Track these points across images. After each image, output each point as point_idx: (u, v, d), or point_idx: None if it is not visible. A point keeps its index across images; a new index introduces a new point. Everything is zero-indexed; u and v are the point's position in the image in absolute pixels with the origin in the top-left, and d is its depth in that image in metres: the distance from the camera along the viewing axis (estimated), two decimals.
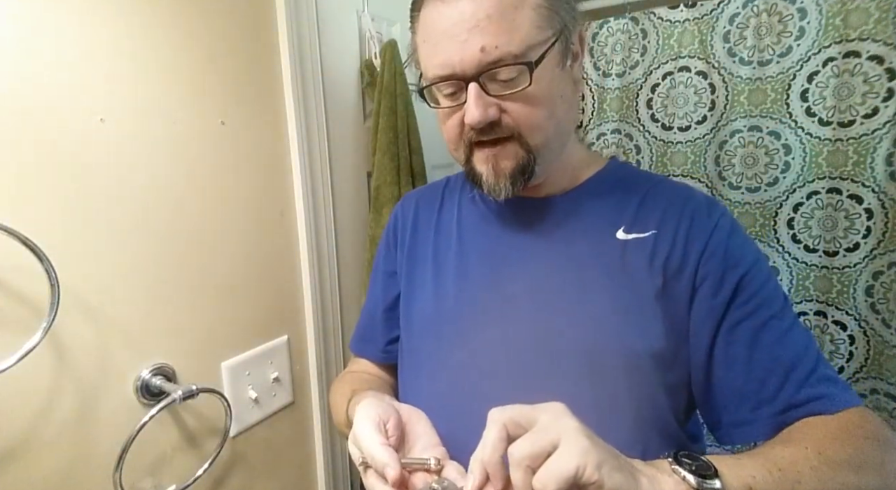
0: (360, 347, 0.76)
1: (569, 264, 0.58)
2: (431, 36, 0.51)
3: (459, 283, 0.62)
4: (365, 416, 0.48)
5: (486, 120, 0.51)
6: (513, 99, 0.51)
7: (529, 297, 0.58)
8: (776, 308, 0.54)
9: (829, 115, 1.02)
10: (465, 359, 0.59)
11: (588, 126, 1.28)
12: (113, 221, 0.64)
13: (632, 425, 0.53)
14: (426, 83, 0.54)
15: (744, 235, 0.58)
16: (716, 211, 0.58)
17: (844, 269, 1.04)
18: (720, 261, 0.55)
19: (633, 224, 0.58)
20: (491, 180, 0.55)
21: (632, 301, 0.55)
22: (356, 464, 0.49)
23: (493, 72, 0.49)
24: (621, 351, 0.53)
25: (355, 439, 0.47)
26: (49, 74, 0.58)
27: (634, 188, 0.61)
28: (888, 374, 1.00)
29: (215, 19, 0.75)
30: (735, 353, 0.54)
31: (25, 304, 0.57)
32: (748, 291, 0.54)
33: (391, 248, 0.73)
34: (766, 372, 0.52)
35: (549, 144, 0.55)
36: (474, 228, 0.65)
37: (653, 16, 1.17)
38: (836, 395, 0.51)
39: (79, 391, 0.62)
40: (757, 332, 0.53)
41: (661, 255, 0.56)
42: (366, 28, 1.08)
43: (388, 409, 0.50)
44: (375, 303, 0.73)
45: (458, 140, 0.56)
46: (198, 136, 0.74)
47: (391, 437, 0.48)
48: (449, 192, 0.71)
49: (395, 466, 0.43)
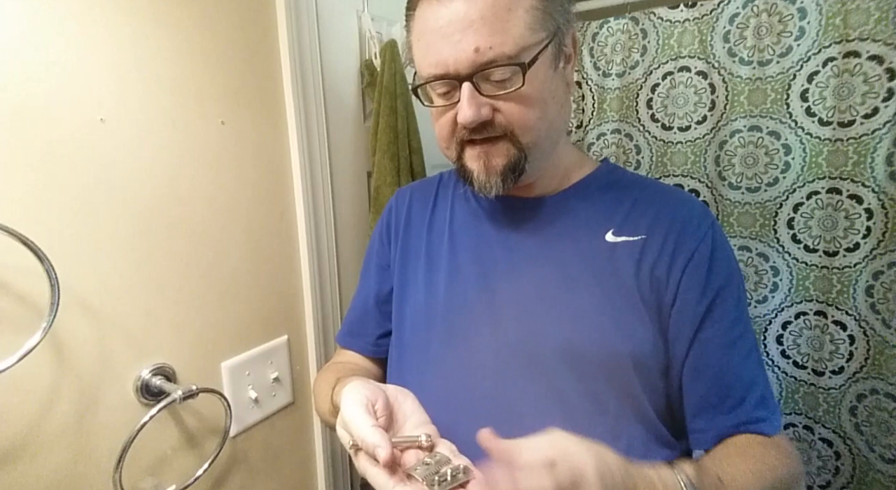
0: (348, 340, 0.75)
1: (557, 264, 0.59)
2: (425, 35, 0.52)
3: (450, 280, 0.63)
4: (353, 400, 0.47)
5: (479, 119, 0.51)
6: (505, 99, 0.52)
7: (517, 296, 0.58)
8: (742, 328, 0.58)
9: (829, 115, 1.02)
10: (453, 355, 0.59)
11: (588, 126, 1.28)
12: (113, 221, 0.64)
13: (615, 420, 0.54)
14: (420, 81, 0.55)
15: (729, 251, 0.60)
16: (706, 221, 0.59)
17: (844, 269, 1.04)
18: (704, 274, 0.56)
19: (623, 227, 0.59)
20: (482, 177, 0.55)
21: (617, 303, 0.56)
22: (346, 447, 0.48)
23: (486, 72, 0.50)
24: (604, 351, 0.55)
25: (344, 423, 0.47)
26: (49, 74, 0.58)
27: (625, 191, 0.62)
28: (888, 374, 1.00)
29: (216, 19, 0.75)
30: (703, 366, 0.56)
31: (25, 304, 0.57)
32: (722, 308, 0.56)
33: (385, 242, 0.73)
34: (728, 389, 0.56)
35: (541, 144, 0.55)
36: (466, 226, 0.66)
37: (653, 16, 1.17)
38: (776, 421, 0.56)
39: (79, 391, 0.62)
40: (726, 350, 0.56)
41: (648, 261, 0.57)
42: (366, 28, 1.08)
43: (375, 390, 0.49)
44: (367, 295, 0.73)
45: (450, 138, 0.56)
46: (198, 136, 0.74)
47: (380, 418, 0.47)
48: (443, 188, 0.72)
49: (385, 447, 0.42)
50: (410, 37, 0.56)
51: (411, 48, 0.56)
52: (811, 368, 1.10)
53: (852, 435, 1.06)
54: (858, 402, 1.05)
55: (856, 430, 1.06)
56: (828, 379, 1.08)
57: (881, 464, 1.01)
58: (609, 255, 0.57)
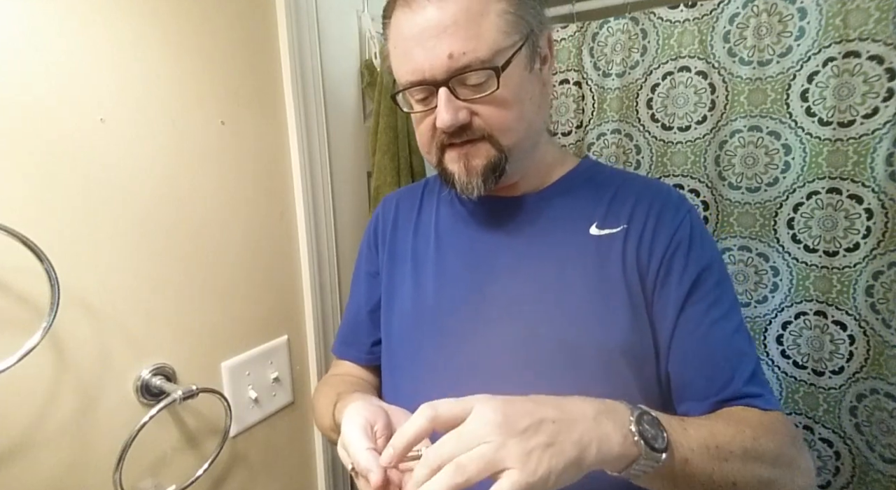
0: (343, 351, 0.76)
1: (544, 261, 0.59)
2: (401, 42, 0.53)
3: (438, 283, 0.63)
4: (352, 421, 0.47)
5: (457, 123, 0.52)
6: (482, 102, 0.52)
7: (506, 295, 0.59)
8: (725, 308, 0.57)
9: (829, 115, 1.02)
10: (443, 357, 0.59)
11: (588, 126, 1.28)
12: (113, 221, 0.64)
13: None
14: (399, 88, 0.56)
15: (707, 234, 0.61)
16: (683, 207, 0.60)
17: (844, 269, 1.04)
18: (683, 256, 0.57)
19: (605, 220, 0.60)
20: (463, 179, 0.56)
21: (606, 296, 0.56)
22: (348, 469, 0.48)
23: (461, 77, 0.51)
24: (595, 345, 0.55)
25: (344, 444, 0.47)
26: (49, 74, 0.58)
27: (606, 185, 0.63)
28: (888, 374, 1.00)
29: (216, 19, 0.75)
30: (688, 348, 0.56)
31: (25, 304, 0.57)
32: (704, 288, 0.57)
33: (372, 249, 0.73)
34: (715, 368, 0.56)
35: (521, 144, 0.56)
36: (451, 229, 0.66)
37: (653, 16, 1.17)
38: (770, 398, 0.55)
39: (79, 391, 0.62)
40: (709, 329, 0.56)
41: (631, 249, 0.57)
42: (366, 28, 1.08)
43: (376, 411, 0.49)
44: (359, 304, 0.74)
45: (430, 143, 0.57)
46: (198, 136, 0.74)
47: (379, 439, 0.47)
48: (428, 192, 0.72)
49: (377, 472, 0.42)
50: (388, 45, 0.56)
51: (389, 56, 0.57)
52: (811, 368, 1.10)
53: (852, 435, 1.06)
54: (858, 402, 1.05)
55: (856, 430, 1.06)
56: (828, 379, 1.08)
57: (881, 464, 1.01)
58: (594, 248, 0.58)
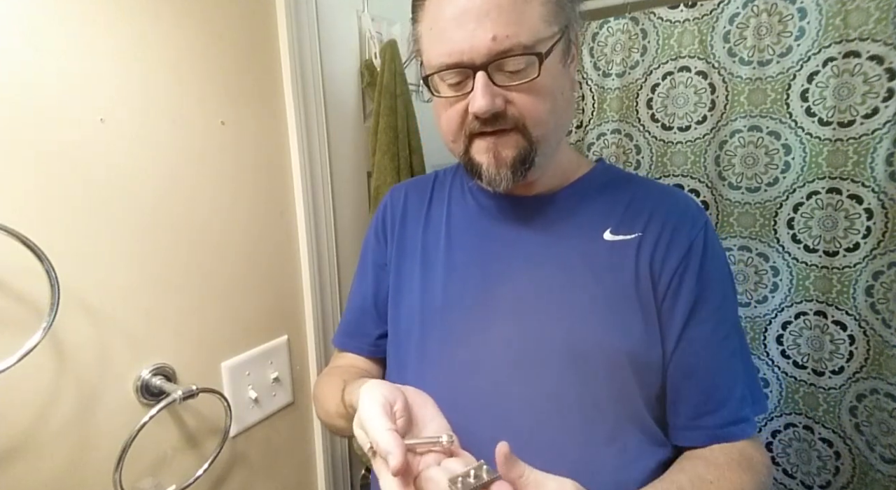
0: (345, 342, 0.73)
1: (556, 263, 0.59)
2: (439, 23, 0.51)
3: (447, 279, 0.62)
4: (371, 398, 0.45)
5: (493, 109, 0.51)
6: (518, 90, 0.51)
7: (516, 295, 0.58)
8: (728, 328, 0.58)
9: (829, 115, 1.02)
10: (450, 355, 0.59)
11: (588, 126, 1.28)
12: (113, 221, 0.64)
13: (613, 423, 0.54)
14: (431, 71, 0.54)
15: (720, 251, 0.61)
16: (699, 221, 0.60)
17: (844, 269, 1.04)
18: (694, 273, 0.57)
19: (620, 226, 0.59)
20: (492, 170, 0.55)
21: (615, 301, 0.56)
22: (364, 449, 0.46)
23: (500, 62, 0.49)
24: (602, 350, 0.55)
25: (361, 422, 0.45)
26: (49, 74, 0.58)
27: (622, 190, 0.62)
28: (888, 374, 1.00)
29: (215, 19, 0.75)
30: (688, 364, 0.57)
31: (25, 304, 0.57)
32: (709, 308, 0.57)
33: (381, 240, 0.72)
34: (711, 388, 0.56)
35: (549, 138, 0.55)
36: (463, 224, 0.65)
37: (653, 16, 1.17)
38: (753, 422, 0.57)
39: (79, 391, 0.62)
40: (710, 349, 0.57)
41: (644, 258, 0.57)
42: (366, 28, 1.08)
43: (394, 391, 0.47)
44: (365, 295, 0.72)
45: (458, 131, 0.55)
46: (198, 136, 0.74)
47: (399, 420, 0.45)
48: (438, 186, 0.71)
49: (397, 455, 0.39)
50: (419, 27, 0.55)
51: (420, 39, 0.55)
52: (811, 368, 1.10)
53: (852, 435, 1.06)
54: (858, 402, 1.05)
55: (856, 430, 1.06)
56: (828, 379, 1.08)
57: (881, 464, 1.01)
58: (607, 253, 0.58)
